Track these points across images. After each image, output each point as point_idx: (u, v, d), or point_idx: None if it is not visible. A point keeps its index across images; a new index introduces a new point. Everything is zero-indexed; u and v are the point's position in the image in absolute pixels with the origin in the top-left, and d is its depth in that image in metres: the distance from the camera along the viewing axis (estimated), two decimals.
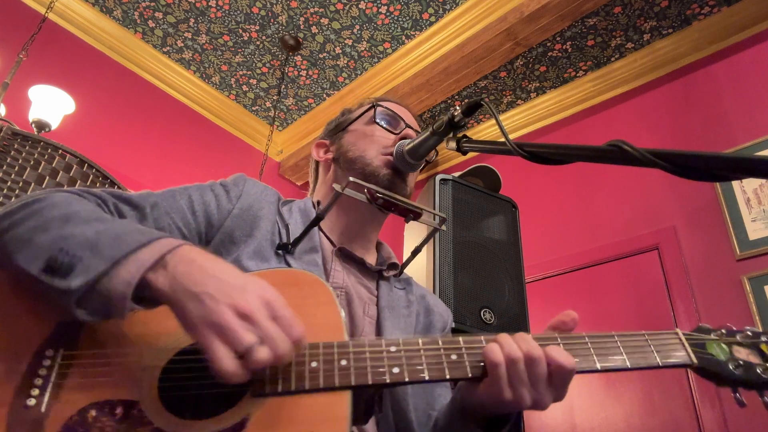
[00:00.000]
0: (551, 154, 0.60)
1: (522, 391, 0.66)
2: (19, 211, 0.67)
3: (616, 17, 2.99)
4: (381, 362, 0.66)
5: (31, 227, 0.64)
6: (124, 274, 0.58)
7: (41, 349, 0.63)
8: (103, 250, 0.60)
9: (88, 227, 0.64)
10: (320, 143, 1.12)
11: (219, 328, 0.55)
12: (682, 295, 2.53)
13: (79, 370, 0.63)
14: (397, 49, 3.42)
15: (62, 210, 0.67)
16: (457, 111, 0.81)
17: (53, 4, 2.89)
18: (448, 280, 1.55)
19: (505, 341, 0.68)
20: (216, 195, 0.88)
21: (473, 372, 0.68)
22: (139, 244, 0.61)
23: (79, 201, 0.71)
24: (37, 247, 0.62)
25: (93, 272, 0.58)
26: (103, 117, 3.30)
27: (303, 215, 0.93)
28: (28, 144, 1.76)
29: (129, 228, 0.65)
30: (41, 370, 0.61)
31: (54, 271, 0.59)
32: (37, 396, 0.60)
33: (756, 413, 2.16)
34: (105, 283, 0.58)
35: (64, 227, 0.63)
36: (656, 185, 2.85)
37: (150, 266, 0.59)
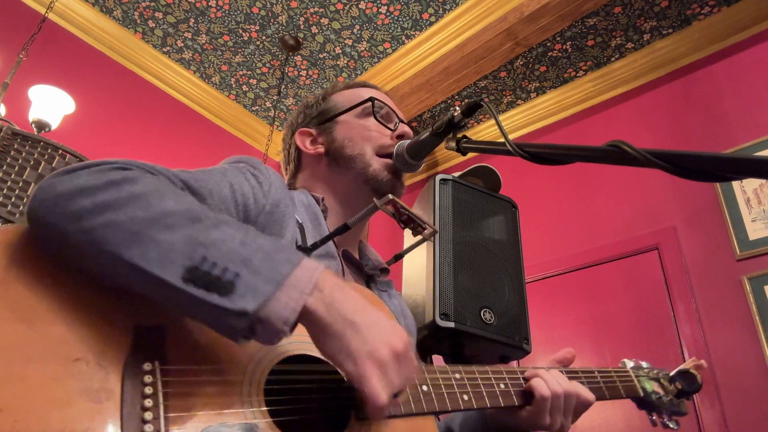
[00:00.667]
0: (551, 154, 0.60)
1: (557, 418, 0.83)
2: (105, 188, 0.56)
3: (616, 17, 2.99)
4: (452, 389, 0.74)
5: (142, 218, 0.54)
6: (286, 299, 0.54)
7: (134, 361, 0.53)
8: (260, 268, 0.54)
9: (224, 234, 0.56)
10: (304, 131, 1.04)
11: (380, 364, 0.56)
12: (682, 295, 2.53)
13: (183, 389, 0.55)
14: (397, 49, 3.42)
15: (177, 202, 0.58)
16: (456, 111, 0.81)
17: (53, 4, 2.89)
18: (447, 280, 1.55)
19: (549, 378, 0.84)
20: (252, 186, 0.80)
21: (519, 401, 0.83)
22: (292, 266, 0.56)
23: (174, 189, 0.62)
24: (165, 247, 0.53)
25: (263, 295, 0.52)
26: (103, 117, 3.30)
27: (308, 212, 0.90)
28: (28, 144, 1.76)
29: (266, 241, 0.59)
30: (146, 389, 0.52)
31: (204, 283, 0.52)
32: (152, 420, 0.50)
33: (756, 413, 2.16)
34: (269, 307, 0.53)
35: (195, 228, 0.55)
36: (656, 185, 2.85)
37: (308, 292, 0.56)
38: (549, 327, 2.93)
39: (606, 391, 0.96)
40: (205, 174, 0.76)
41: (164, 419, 0.52)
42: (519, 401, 0.82)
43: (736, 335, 2.32)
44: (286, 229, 0.81)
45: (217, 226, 0.57)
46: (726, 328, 2.36)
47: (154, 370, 0.54)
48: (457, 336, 1.48)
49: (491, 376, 0.81)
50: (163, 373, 0.54)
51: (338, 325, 0.56)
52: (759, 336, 2.25)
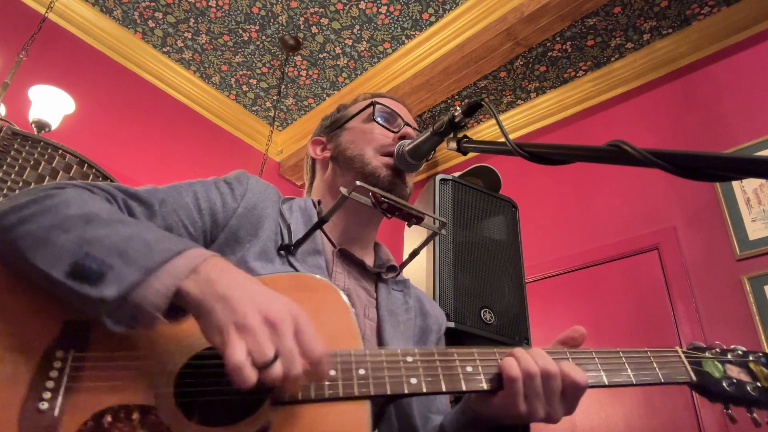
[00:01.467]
0: (551, 154, 0.60)
1: (536, 405, 0.69)
2: (29, 206, 0.64)
3: (616, 17, 2.99)
4: (398, 372, 0.67)
5: (47, 225, 0.61)
6: (158, 285, 0.57)
7: (50, 350, 0.60)
8: (135, 258, 0.58)
9: (113, 230, 0.61)
10: (317, 140, 1.10)
11: (244, 330, 0.55)
12: (682, 295, 2.53)
13: (92, 373, 0.60)
14: (397, 49, 3.42)
15: (80, 208, 0.64)
16: (457, 111, 0.81)
17: (53, 4, 2.89)
18: (448, 280, 1.55)
19: (521, 356, 0.70)
20: (221, 193, 0.85)
21: (489, 385, 0.70)
22: (171, 254, 0.59)
23: (93, 198, 0.69)
24: (57, 248, 0.59)
25: (127, 282, 0.56)
26: (103, 117, 3.30)
27: (304, 215, 0.92)
28: (28, 144, 1.76)
29: (156, 235, 0.63)
30: (52, 372, 0.59)
31: (81, 276, 0.57)
32: (49, 399, 0.57)
33: None
34: (138, 293, 0.56)
35: (87, 228, 0.61)
36: (656, 185, 2.85)
37: (183, 276, 0.58)
38: (549, 327, 2.93)
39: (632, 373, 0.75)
40: (169, 187, 0.83)
41: (62, 398, 0.58)
42: (489, 385, 0.70)
43: (736, 335, 2.32)
44: (261, 230, 0.84)
45: (109, 225, 0.62)
46: (726, 328, 2.36)
47: (66, 357, 0.60)
48: (457, 336, 1.48)
49: (456, 358, 0.71)
50: (75, 359, 0.60)
51: (209, 302, 0.57)
52: (759, 336, 2.25)
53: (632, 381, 0.74)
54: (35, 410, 0.56)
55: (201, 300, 0.57)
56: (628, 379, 0.75)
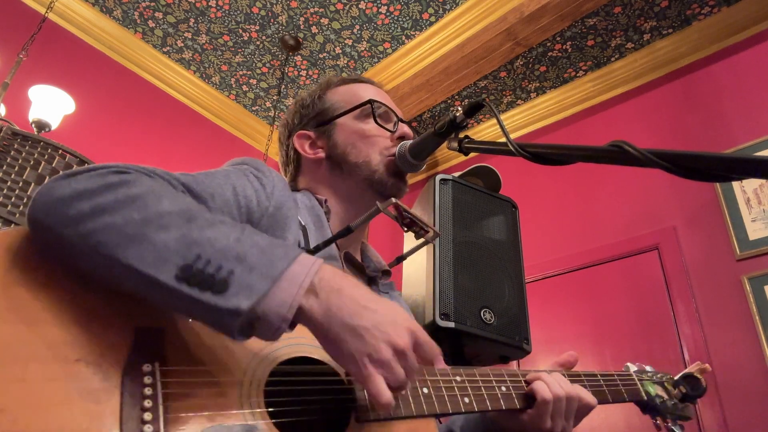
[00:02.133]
0: (552, 154, 0.60)
1: (558, 421, 0.83)
2: (103, 192, 0.56)
3: (616, 17, 2.99)
4: (454, 392, 0.74)
5: (138, 220, 0.54)
6: (283, 296, 0.54)
7: (133, 363, 0.53)
8: (255, 265, 0.54)
9: (219, 232, 0.56)
10: (302, 134, 1.02)
11: (380, 363, 0.57)
12: (682, 295, 2.53)
13: (182, 390, 0.55)
14: (397, 49, 3.42)
15: (173, 203, 0.58)
16: (458, 111, 0.81)
17: (53, 4, 2.89)
18: (448, 280, 1.55)
19: (550, 381, 0.83)
20: (255, 189, 0.80)
21: (520, 404, 0.82)
22: (288, 261, 0.56)
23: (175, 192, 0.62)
24: (160, 247, 0.53)
25: (258, 292, 0.52)
26: (103, 117, 3.30)
27: (311, 214, 0.89)
28: (28, 144, 1.76)
29: (263, 238, 0.59)
30: (146, 390, 0.52)
31: (198, 282, 0.52)
32: (151, 421, 0.50)
33: (756, 414, 2.16)
34: (265, 304, 0.53)
35: (190, 227, 0.55)
36: (656, 185, 2.85)
37: (304, 290, 0.55)
38: (549, 327, 2.93)
39: (609, 395, 0.95)
40: (207, 177, 0.75)
41: (164, 419, 0.51)
42: (521, 404, 0.82)
43: (736, 335, 2.32)
44: (288, 231, 0.81)
45: (213, 225, 0.57)
46: (726, 328, 2.36)
47: (153, 371, 0.54)
48: (457, 336, 1.48)
49: (492, 378, 0.81)
50: (162, 374, 0.54)
51: (336, 330, 0.56)
52: (759, 336, 2.25)
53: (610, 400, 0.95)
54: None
55: (327, 327, 0.56)
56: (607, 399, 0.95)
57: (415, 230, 0.91)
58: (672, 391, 1.05)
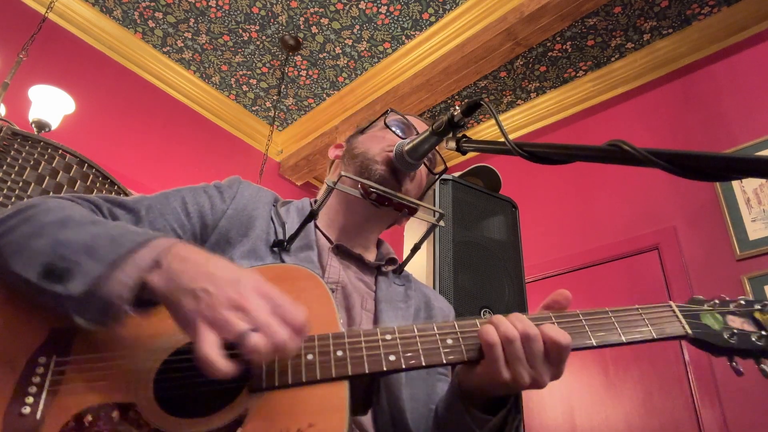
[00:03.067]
0: (551, 154, 0.60)
1: (519, 370, 0.66)
2: (13, 217, 0.67)
3: (616, 17, 2.99)
4: (377, 351, 0.66)
5: (27, 233, 0.64)
6: (121, 276, 0.58)
7: (34, 357, 0.62)
8: (100, 253, 0.59)
9: (84, 231, 0.63)
10: (338, 144, 1.13)
11: (213, 320, 0.54)
12: (682, 295, 2.53)
13: (73, 375, 0.62)
14: (397, 49, 3.42)
15: (57, 215, 0.66)
16: (456, 111, 0.81)
17: (53, 4, 2.89)
18: (448, 280, 1.55)
19: (500, 321, 0.69)
20: (209, 196, 0.88)
21: (469, 355, 0.68)
22: (135, 245, 0.60)
23: (72, 206, 0.71)
24: (33, 252, 0.61)
25: (91, 276, 0.57)
26: (103, 117, 3.30)
27: (299, 214, 0.94)
28: (28, 144, 1.76)
29: (124, 230, 0.65)
30: (35, 378, 0.61)
31: (53, 276, 0.59)
32: (31, 404, 0.59)
33: (756, 413, 2.15)
34: (103, 286, 0.57)
35: (60, 232, 0.63)
36: (656, 185, 2.85)
37: (147, 268, 0.59)
38: None
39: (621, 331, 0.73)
40: (155, 195, 0.85)
41: (44, 401, 0.59)
42: (469, 356, 0.68)
43: None
44: (252, 230, 0.85)
45: (81, 226, 0.64)
46: None
47: (48, 362, 0.62)
48: None
49: (436, 332, 0.70)
50: (57, 363, 0.62)
51: (175, 295, 0.57)
52: None
53: (622, 340, 0.72)
54: (18, 415, 0.58)
55: (167, 294, 0.58)
56: (618, 339, 0.73)
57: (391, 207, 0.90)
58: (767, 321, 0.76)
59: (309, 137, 4.10)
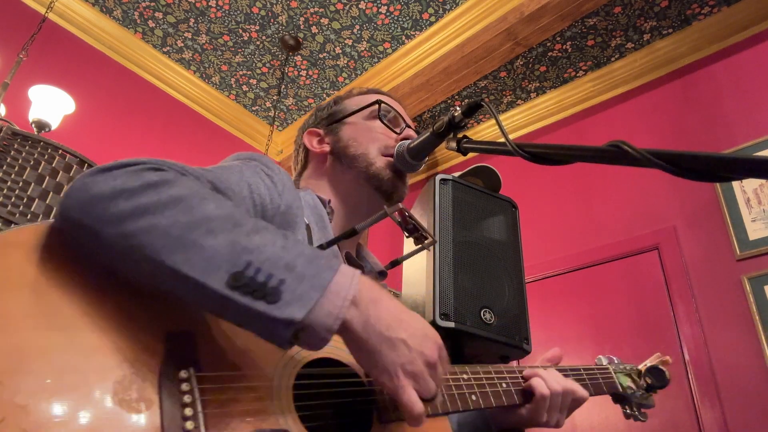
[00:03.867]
0: (551, 154, 0.60)
1: (553, 415, 0.86)
2: (144, 191, 0.54)
3: (616, 17, 2.99)
4: (462, 390, 0.76)
5: (185, 223, 0.53)
6: (330, 307, 0.53)
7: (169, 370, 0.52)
8: (304, 274, 0.53)
9: (265, 238, 0.55)
10: (313, 131, 1.05)
11: (414, 375, 0.58)
12: (682, 295, 2.53)
13: (218, 396, 0.54)
14: (397, 49, 3.42)
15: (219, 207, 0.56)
16: (457, 111, 0.81)
17: (53, 4, 2.89)
18: (448, 280, 1.55)
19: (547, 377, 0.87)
20: (267, 187, 0.79)
21: (519, 399, 0.85)
22: (332, 272, 0.55)
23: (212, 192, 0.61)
24: (209, 253, 0.52)
25: (309, 303, 0.52)
26: (103, 117, 3.30)
27: (314, 213, 0.89)
28: (28, 144, 1.76)
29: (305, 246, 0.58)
30: (185, 397, 0.51)
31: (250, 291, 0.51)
32: (192, 429, 0.50)
33: (756, 414, 2.16)
34: (312, 314, 0.52)
35: (237, 233, 0.54)
36: (656, 185, 2.85)
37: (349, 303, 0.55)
38: (549, 327, 2.93)
39: (591, 388, 0.99)
40: (225, 173, 0.74)
41: (204, 426, 0.51)
42: (520, 400, 0.85)
43: (736, 335, 2.32)
44: (297, 231, 0.80)
45: (258, 231, 0.56)
46: (726, 328, 2.36)
47: (190, 377, 0.53)
48: (457, 336, 1.48)
49: (494, 375, 0.84)
50: (198, 380, 0.53)
51: (373, 342, 0.57)
52: (759, 336, 2.25)
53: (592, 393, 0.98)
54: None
55: (365, 338, 0.57)
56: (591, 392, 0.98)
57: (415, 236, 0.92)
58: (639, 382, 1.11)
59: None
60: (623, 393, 1.06)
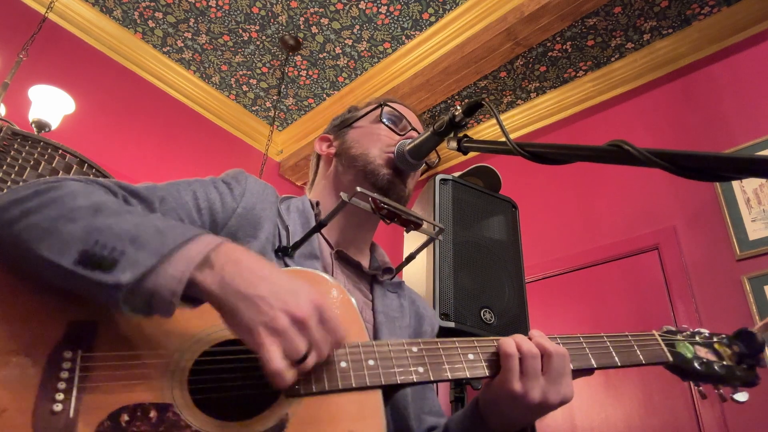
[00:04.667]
0: (552, 154, 0.60)
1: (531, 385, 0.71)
2: (32, 198, 0.62)
3: (616, 17, 2.99)
4: (405, 362, 0.69)
5: (53, 216, 0.59)
6: (172, 271, 0.56)
7: (57, 351, 0.58)
8: (148, 243, 0.57)
9: (122, 219, 0.60)
10: (324, 137, 1.10)
11: (276, 332, 0.56)
12: (682, 295, 2.53)
13: (103, 372, 0.59)
14: (397, 49, 3.42)
15: (87, 199, 0.62)
16: (458, 111, 0.81)
17: (53, 4, 2.89)
18: (448, 280, 1.55)
19: (519, 337, 0.74)
20: (220, 193, 0.84)
21: (489, 371, 0.73)
22: (183, 239, 0.58)
23: (96, 191, 0.67)
24: (66, 237, 0.57)
25: (142, 267, 0.55)
26: (103, 117, 3.30)
27: (301, 216, 0.92)
28: (28, 144, 1.76)
29: (166, 222, 0.62)
30: (62, 373, 0.57)
31: (92, 263, 0.56)
32: (62, 401, 0.55)
33: (756, 414, 2.16)
34: (152, 279, 0.55)
35: (95, 218, 0.60)
36: (656, 185, 2.85)
37: (197, 264, 0.57)
38: (549, 327, 2.93)
39: (616, 356, 0.80)
40: (167, 185, 0.82)
41: (75, 398, 0.56)
42: (490, 371, 0.73)
43: None
44: (260, 231, 0.83)
45: (119, 214, 0.61)
46: (726, 328, 2.35)
47: (74, 357, 0.58)
48: (457, 336, 1.48)
49: (458, 347, 0.74)
50: (84, 359, 0.59)
51: (231, 300, 0.57)
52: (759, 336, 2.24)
53: (617, 363, 0.80)
54: (49, 412, 0.55)
55: (222, 297, 0.57)
56: (613, 362, 0.79)
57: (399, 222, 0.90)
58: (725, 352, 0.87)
59: (309, 137, 4.10)
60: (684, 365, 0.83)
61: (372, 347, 0.69)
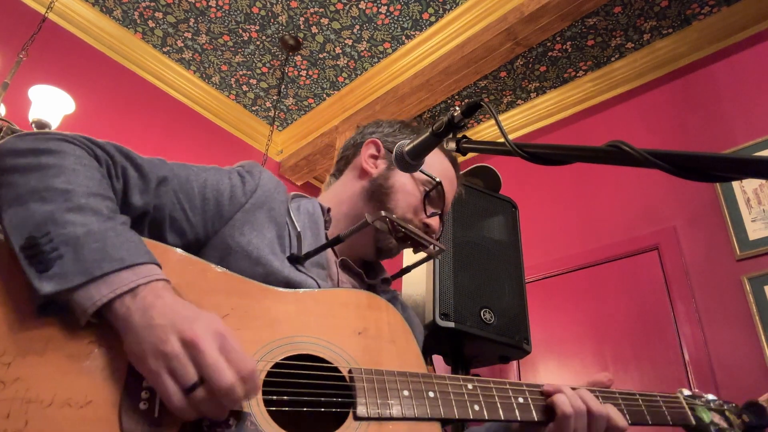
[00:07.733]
0: (551, 154, 0.60)
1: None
2: (26, 155, 0.62)
3: (616, 17, 2.99)
4: (462, 398, 0.73)
5: (31, 187, 0.60)
6: (94, 292, 0.56)
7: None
8: (86, 258, 0.57)
9: (82, 218, 0.59)
10: (375, 143, 1.04)
11: (164, 357, 0.54)
12: (682, 295, 2.53)
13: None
14: (397, 49, 3.42)
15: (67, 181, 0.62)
16: (456, 111, 0.80)
17: (53, 4, 2.89)
18: (448, 280, 1.55)
19: (570, 395, 0.79)
20: (232, 185, 0.83)
21: (539, 417, 0.79)
22: (121, 266, 0.58)
23: (87, 168, 0.66)
24: (28, 214, 0.58)
25: (67, 284, 0.55)
26: (103, 117, 3.30)
27: (311, 220, 0.90)
28: None
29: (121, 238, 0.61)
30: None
31: (32, 255, 0.56)
32: (148, 399, 0.56)
33: None
34: (71, 293, 0.56)
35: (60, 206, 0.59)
36: (656, 185, 2.85)
37: (123, 292, 0.57)
38: (549, 327, 2.93)
39: (648, 415, 0.88)
40: (179, 166, 0.81)
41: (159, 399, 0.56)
42: (539, 417, 0.79)
43: (736, 335, 2.32)
44: (266, 230, 0.82)
45: (82, 211, 0.60)
46: (726, 328, 2.36)
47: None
48: (457, 336, 1.48)
49: (508, 388, 0.79)
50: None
51: (135, 330, 0.56)
52: (759, 336, 2.25)
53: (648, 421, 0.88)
54: (135, 409, 0.55)
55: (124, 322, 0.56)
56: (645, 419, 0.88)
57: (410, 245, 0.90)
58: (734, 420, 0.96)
59: (309, 137, 4.10)
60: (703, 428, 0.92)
61: (431, 379, 0.72)
